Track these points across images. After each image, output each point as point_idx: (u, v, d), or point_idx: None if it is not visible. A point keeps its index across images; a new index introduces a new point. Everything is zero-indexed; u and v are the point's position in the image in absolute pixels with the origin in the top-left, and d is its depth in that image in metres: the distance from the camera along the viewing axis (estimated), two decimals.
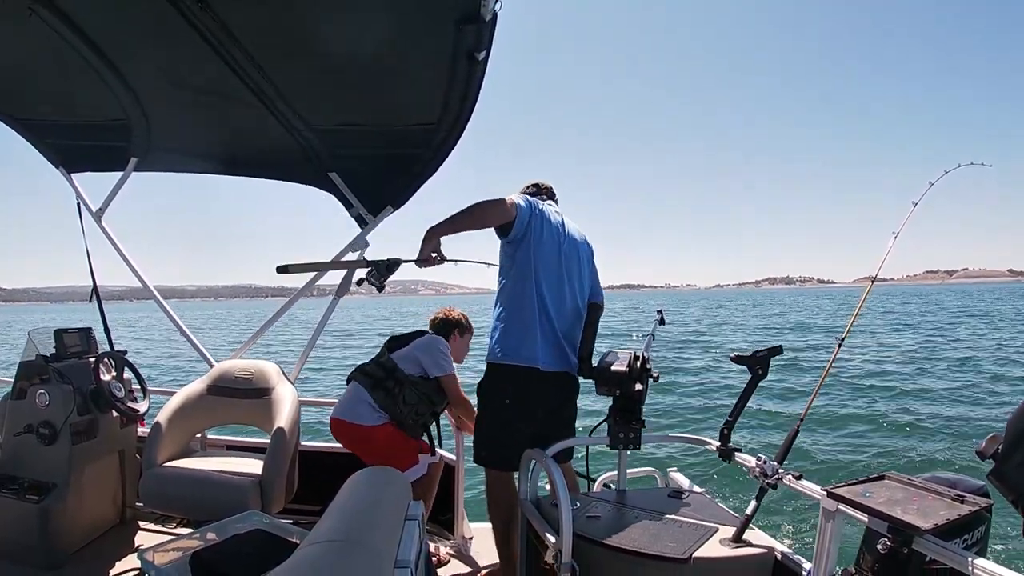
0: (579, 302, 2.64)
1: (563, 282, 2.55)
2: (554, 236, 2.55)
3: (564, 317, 2.55)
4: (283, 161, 3.28)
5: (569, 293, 2.58)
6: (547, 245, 2.52)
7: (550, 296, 2.51)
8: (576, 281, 2.63)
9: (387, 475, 1.84)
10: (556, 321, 2.52)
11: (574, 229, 2.68)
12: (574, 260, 2.61)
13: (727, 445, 2.29)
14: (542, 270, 2.50)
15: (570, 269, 2.59)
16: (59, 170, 3.58)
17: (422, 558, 1.69)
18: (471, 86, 2.34)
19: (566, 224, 2.65)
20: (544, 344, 2.48)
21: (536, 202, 2.56)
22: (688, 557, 1.90)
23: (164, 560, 2.12)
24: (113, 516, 3.16)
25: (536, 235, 2.49)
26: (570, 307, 2.58)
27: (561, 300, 2.55)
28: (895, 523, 1.57)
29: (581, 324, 2.65)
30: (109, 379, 3.02)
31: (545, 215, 2.55)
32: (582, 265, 2.66)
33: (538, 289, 2.49)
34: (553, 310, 2.51)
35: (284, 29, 2.18)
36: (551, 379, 2.50)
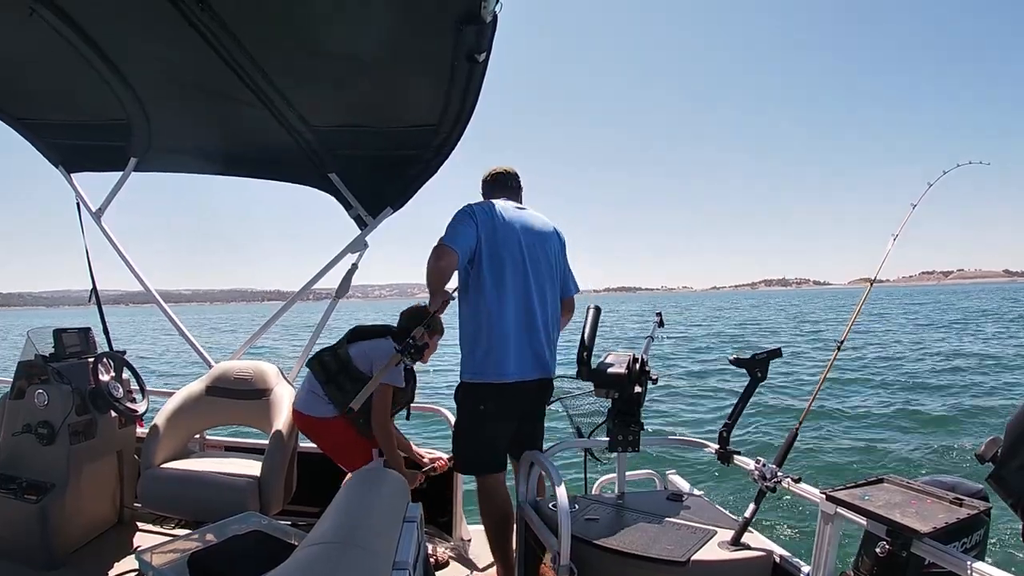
0: (547, 301, 2.56)
1: (528, 285, 2.48)
2: (512, 239, 2.47)
3: (532, 322, 2.49)
4: (283, 162, 3.28)
5: (537, 294, 2.51)
6: (504, 250, 2.45)
7: (515, 304, 2.45)
8: (546, 280, 2.56)
9: (385, 477, 1.84)
10: (524, 329, 2.47)
11: (539, 222, 2.60)
12: (540, 258, 2.53)
13: (726, 448, 2.28)
14: (501, 279, 2.44)
15: (537, 269, 2.51)
16: (59, 169, 3.58)
17: (420, 559, 1.68)
18: (471, 87, 2.34)
19: (528, 219, 2.57)
20: (512, 356, 2.43)
21: (485, 211, 2.47)
22: (687, 560, 1.90)
23: (162, 561, 2.12)
24: (111, 516, 3.16)
25: (489, 248, 2.42)
26: (539, 309, 2.51)
27: (527, 305, 2.48)
28: (894, 526, 1.57)
29: (555, 323, 2.59)
30: (108, 379, 3.02)
31: (498, 220, 2.47)
32: (551, 259, 2.57)
33: (500, 301, 2.43)
34: (518, 318, 2.45)
35: (284, 30, 2.18)
36: (523, 388, 2.47)
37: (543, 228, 2.60)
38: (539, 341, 2.51)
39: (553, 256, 2.59)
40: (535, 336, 2.50)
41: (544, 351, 2.53)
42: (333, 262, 3.51)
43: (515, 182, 2.73)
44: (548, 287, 2.56)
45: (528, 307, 2.48)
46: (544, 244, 2.56)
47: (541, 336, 2.52)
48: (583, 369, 2.45)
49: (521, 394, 2.48)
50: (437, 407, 3.28)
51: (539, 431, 2.68)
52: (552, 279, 2.58)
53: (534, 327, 2.49)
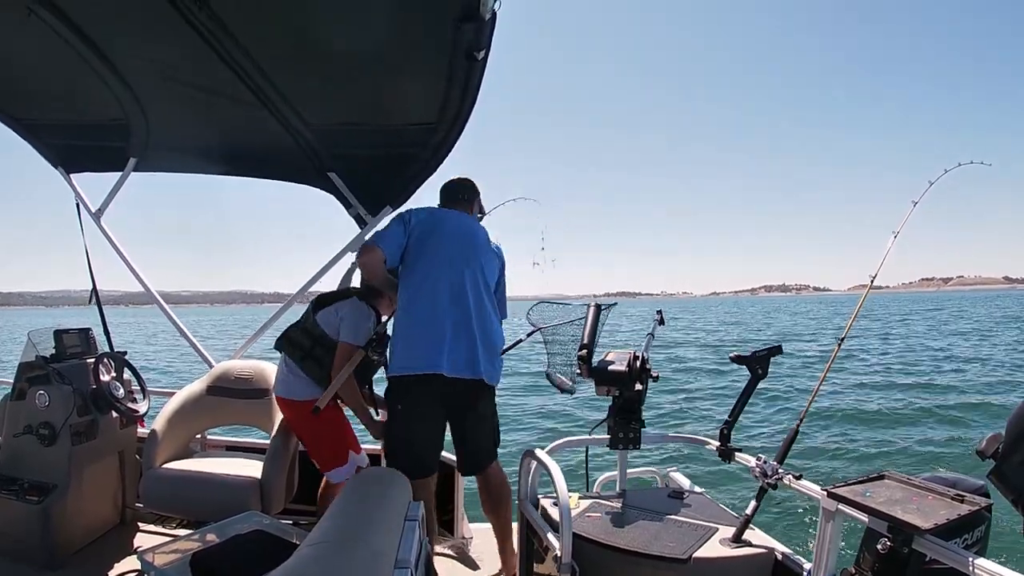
0: (485, 310, 2.52)
1: (462, 289, 2.47)
2: (444, 244, 2.50)
3: (463, 323, 2.44)
4: (282, 161, 3.27)
5: (474, 300, 2.48)
6: (434, 252, 2.48)
7: (444, 303, 2.43)
8: (483, 291, 2.53)
9: (388, 476, 1.84)
10: (452, 328, 2.42)
11: (479, 236, 2.63)
12: (476, 267, 2.52)
13: (727, 445, 2.29)
14: (428, 278, 2.45)
15: (472, 277, 2.50)
16: (58, 170, 3.58)
17: (422, 558, 1.69)
18: (470, 85, 2.34)
19: (466, 230, 2.60)
20: (434, 349, 2.39)
21: (419, 214, 2.54)
22: (688, 557, 1.90)
23: (164, 561, 2.12)
24: (113, 517, 3.16)
25: (419, 249, 2.48)
26: (474, 314, 2.47)
27: (460, 304, 2.45)
28: (895, 523, 1.57)
29: (491, 335, 2.53)
30: (109, 380, 3.01)
31: (431, 224, 2.52)
32: (487, 274, 2.57)
33: (423, 298, 2.43)
34: (445, 316, 2.42)
35: (283, 28, 2.18)
36: (446, 384, 2.40)
37: (481, 239, 2.63)
38: (471, 343, 2.45)
39: (489, 272, 2.59)
40: (466, 337, 2.44)
41: (476, 354, 2.45)
42: (333, 261, 3.51)
43: (465, 193, 2.76)
44: (486, 297, 2.55)
45: (461, 307, 2.45)
46: (480, 256, 2.56)
47: (475, 338, 2.45)
48: (584, 367, 2.45)
49: (443, 391, 2.41)
50: None
51: (479, 439, 2.60)
52: (488, 292, 2.56)
53: (465, 328, 2.44)
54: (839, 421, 9.54)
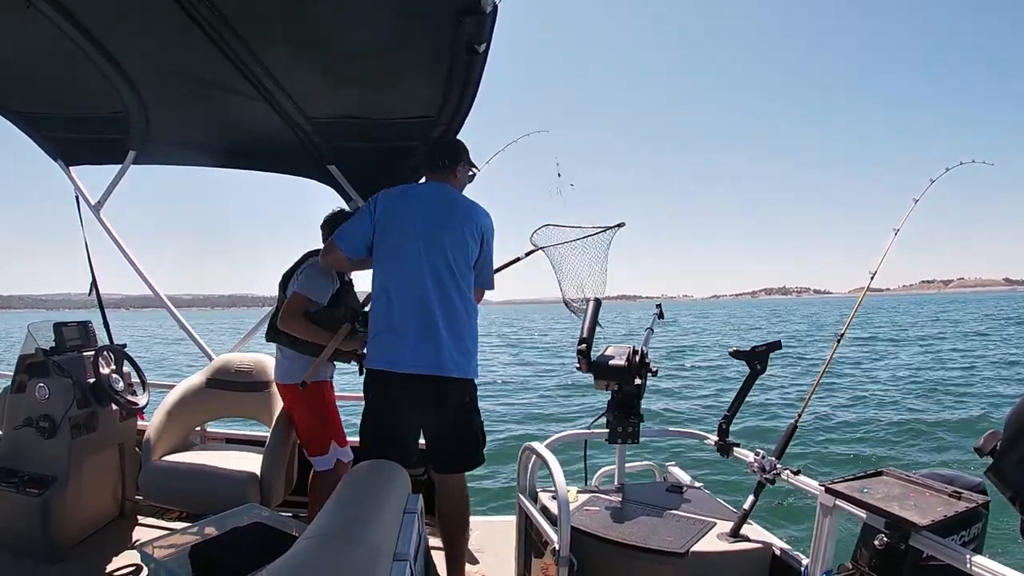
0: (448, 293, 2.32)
1: (420, 274, 2.30)
2: (408, 226, 2.33)
3: (425, 313, 2.29)
4: (282, 154, 3.27)
5: (434, 285, 2.31)
6: (398, 237, 2.33)
7: (404, 292, 2.30)
8: (445, 269, 2.33)
9: (387, 469, 1.84)
10: (414, 319, 2.28)
11: (452, 205, 2.41)
12: (444, 245, 2.32)
13: (725, 440, 2.29)
14: (392, 266, 2.33)
15: (435, 257, 2.31)
16: (57, 163, 3.57)
17: (421, 551, 1.69)
18: (471, 79, 2.33)
19: (437, 202, 2.40)
20: (397, 345, 2.28)
21: (385, 199, 2.40)
22: (686, 551, 1.91)
23: (164, 553, 2.13)
24: (113, 509, 3.17)
25: (384, 237, 2.35)
26: (435, 300, 2.30)
27: (419, 293, 2.29)
28: (892, 519, 1.57)
29: (459, 317, 2.34)
30: (108, 372, 3.02)
31: (397, 206, 2.38)
32: (459, 246, 2.35)
33: (390, 288, 2.32)
34: (408, 307, 2.29)
35: (283, 21, 2.17)
36: (412, 382, 2.27)
37: (454, 212, 2.39)
38: (434, 335, 2.28)
39: (462, 243, 2.36)
40: (428, 329, 2.28)
41: (442, 347, 2.28)
42: None
43: (445, 158, 2.50)
44: (452, 283, 2.34)
45: (420, 296, 2.29)
46: (449, 235, 2.35)
47: (438, 329, 2.29)
48: (583, 361, 2.46)
49: (409, 389, 2.29)
50: None
51: (451, 441, 2.43)
52: (454, 268, 2.34)
53: (427, 319, 2.28)
54: (838, 417, 9.56)
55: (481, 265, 2.47)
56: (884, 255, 2.32)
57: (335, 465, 2.84)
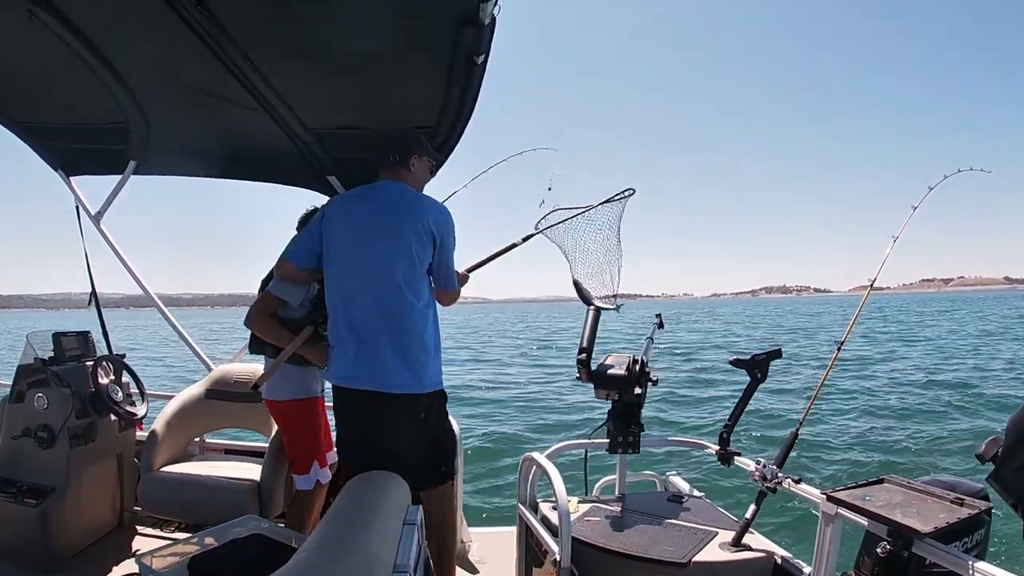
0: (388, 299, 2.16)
1: (360, 281, 2.18)
2: (348, 234, 2.23)
3: (364, 323, 2.16)
4: (281, 164, 3.28)
5: (372, 292, 2.16)
6: (339, 244, 2.23)
7: (345, 301, 2.20)
8: (384, 273, 2.16)
9: (386, 480, 1.84)
10: (351, 330, 2.17)
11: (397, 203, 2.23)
12: (385, 249, 2.17)
13: (726, 449, 2.29)
14: (335, 274, 2.23)
15: (374, 261, 2.17)
16: (58, 173, 3.58)
17: (421, 563, 1.68)
18: (469, 89, 2.34)
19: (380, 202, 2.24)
20: (340, 357, 2.20)
21: (331, 205, 2.34)
22: (688, 561, 1.90)
23: (162, 564, 2.11)
24: (111, 520, 3.15)
25: (328, 244, 2.26)
26: (375, 308, 2.16)
27: (360, 303, 2.18)
28: (895, 526, 1.57)
29: (405, 325, 2.16)
30: (107, 382, 3.01)
31: (340, 212, 2.28)
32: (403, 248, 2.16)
33: (334, 298, 2.22)
34: (349, 317, 2.19)
35: (283, 31, 2.18)
36: (354, 397, 2.18)
37: (401, 212, 2.21)
38: (374, 349, 2.14)
39: (407, 246, 2.17)
40: (368, 342, 2.15)
41: (384, 362, 2.13)
42: None
43: (395, 153, 2.33)
44: (391, 284, 2.16)
45: (363, 306, 2.17)
46: (395, 231, 2.18)
47: (379, 343, 2.14)
48: (583, 371, 2.46)
49: (357, 404, 2.19)
50: None
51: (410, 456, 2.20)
52: (398, 274, 2.16)
53: (367, 332, 2.15)
54: (839, 425, 9.54)
55: (439, 266, 2.28)
56: (883, 263, 2.33)
57: (314, 486, 2.74)
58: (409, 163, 2.33)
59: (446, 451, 2.34)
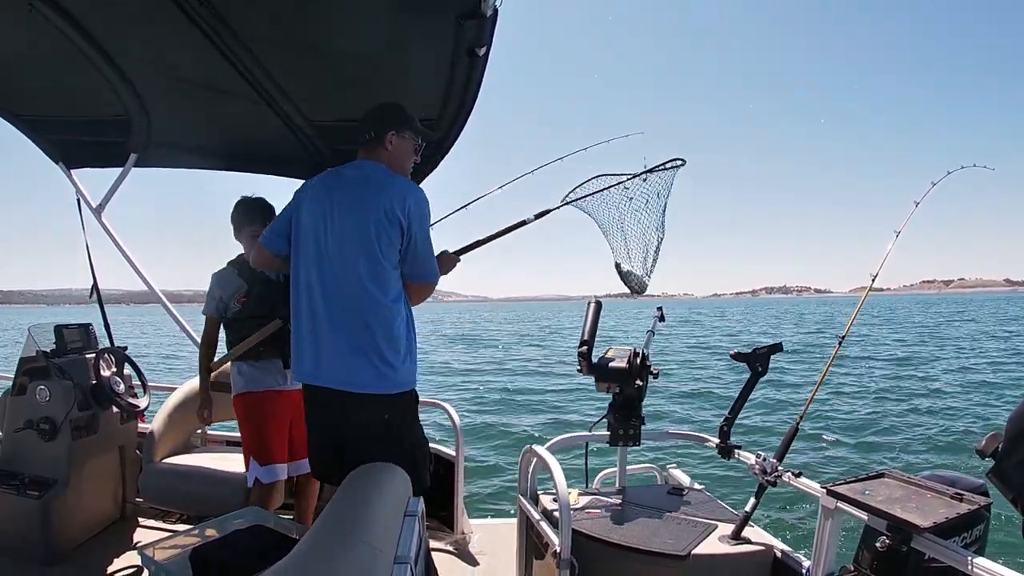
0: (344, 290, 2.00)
1: (321, 270, 2.03)
2: (311, 220, 2.07)
3: (321, 315, 2.01)
4: (283, 157, 3.27)
5: (331, 282, 2.01)
6: (304, 231, 2.08)
7: (307, 293, 2.05)
8: (339, 262, 2.00)
9: (388, 472, 1.84)
10: (310, 323, 2.03)
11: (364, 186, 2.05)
12: (348, 235, 2.00)
13: (727, 442, 2.29)
14: (297, 265, 2.08)
15: (334, 250, 2.01)
16: (59, 166, 3.58)
17: (422, 554, 1.69)
18: (471, 82, 2.33)
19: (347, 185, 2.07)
20: (298, 353, 2.07)
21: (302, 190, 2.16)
22: (687, 554, 1.91)
23: (164, 556, 2.12)
24: (113, 512, 3.17)
25: (295, 231, 2.12)
26: (335, 299, 2.01)
27: (320, 293, 2.02)
28: (894, 521, 1.57)
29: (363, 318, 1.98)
30: (109, 375, 3.02)
31: (308, 197, 2.11)
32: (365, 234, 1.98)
33: (296, 290, 2.08)
34: (310, 310, 2.04)
35: (284, 24, 2.18)
36: (316, 395, 2.06)
37: (366, 195, 2.02)
38: (331, 343, 2.00)
39: (368, 232, 1.99)
40: (324, 336, 2.01)
41: (340, 357, 1.99)
42: None
43: (370, 130, 2.13)
44: (351, 274, 1.99)
45: (322, 297, 2.02)
46: (357, 216, 2.00)
47: (335, 338, 1.99)
48: (584, 364, 2.46)
49: (313, 402, 2.08)
50: (439, 401, 3.29)
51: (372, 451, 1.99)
52: (359, 262, 1.99)
53: (324, 325, 2.01)
54: (840, 419, 9.55)
55: (406, 256, 2.04)
56: (885, 258, 2.32)
57: (253, 483, 2.62)
58: (385, 141, 2.12)
59: (415, 462, 2.05)
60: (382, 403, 2.00)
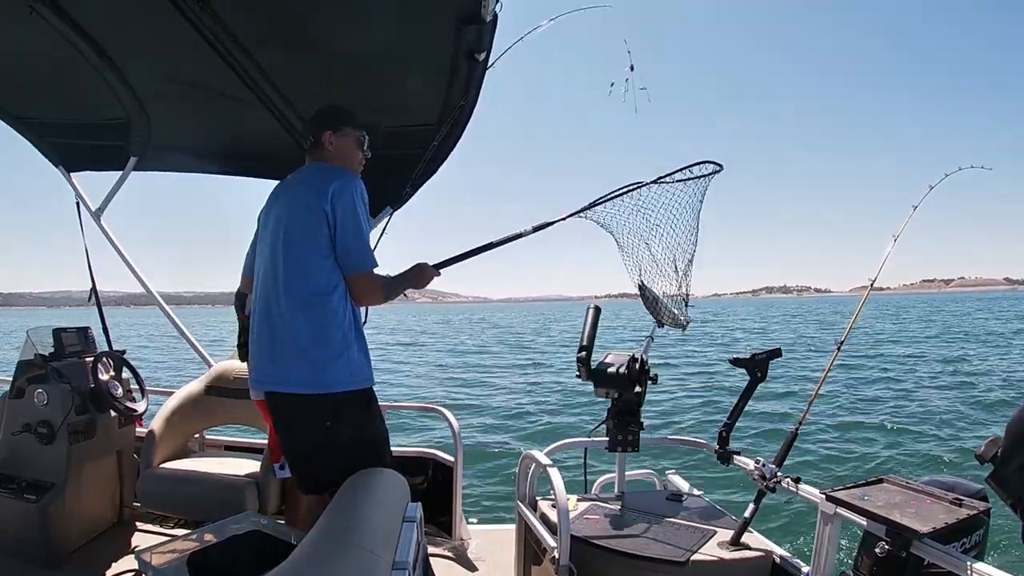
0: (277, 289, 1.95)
1: (266, 273, 2.01)
2: (263, 224, 2.10)
3: (262, 319, 2.00)
4: (282, 161, 3.26)
5: (264, 282, 2.01)
6: (260, 238, 2.12)
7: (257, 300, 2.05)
8: (274, 258, 1.98)
9: (385, 477, 1.84)
10: (255, 329, 2.03)
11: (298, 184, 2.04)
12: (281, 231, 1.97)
13: (726, 448, 2.29)
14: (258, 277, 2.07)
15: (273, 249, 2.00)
16: (59, 169, 3.58)
17: (420, 560, 1.68)
18: (471, 87, 2.34)
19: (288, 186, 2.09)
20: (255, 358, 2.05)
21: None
22: (686, 560, 1.90)
23: (162, 561, 2.11)
24: (111, 516, 3.16)
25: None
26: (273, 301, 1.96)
27: (264, 297, 2.00)
28: (893, 526, 1.57)
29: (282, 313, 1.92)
30: (107, 379, 3.01)
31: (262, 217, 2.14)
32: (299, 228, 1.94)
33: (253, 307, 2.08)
34: (256, 317, 2.04)
35: (284, 29, 2.19)
36: (269, 402, 2.04)
37: (297, 190, 2.02)
38: (268, 346, 1.97)
39: (296, 225, 1.95)
40: (266, 341, 1.98)
41: (270, 357, 1.96)
42: None
43: (310, 133, 2.11)
44: (280, 270, 1.96)
45: (261, 298, 2.02)
46: (289, 212, 1.98)
47: (271, 340, 1.96)
48: (583, 369, 2.46)
49: (272, 408, 2.05)
50: (437, 406, 3.28)
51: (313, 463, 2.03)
52: (286, 259, 1.95)
53: (260, 325, 2.00)
54: (838, 424, 9.54)
55: (337, 243, 1.94)
56: (883, 262, 2.32)
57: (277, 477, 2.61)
58: (324, 141, 2.08)
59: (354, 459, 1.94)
60: (320, 403, 1.92)
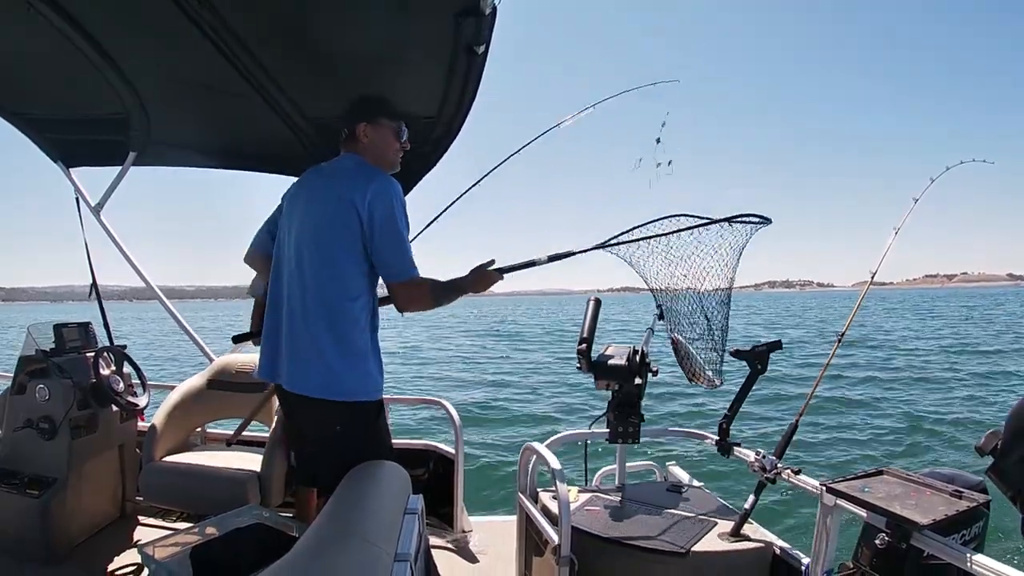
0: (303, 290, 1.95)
1: (287, 269, 2.02)
2: (286, 219, 2.10)
3: (281, 314, 2.01)
4: (282, 155, 3.27)
5: (290, 281, 2.00)
6: (281, 229, 2.12)
7: (274, 293, 2.07)
8: (306, 260, 1.95)
9: (387, 469, 1.84)
10: (273, 322, 2.05)
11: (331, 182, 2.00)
12: (311, 231, 1.96)
13: (726, 440, 2.29)
14: (273, 264, 2.11)
15: (300, 247, 1.98)
16: (57, 165, 3.57)
17: (422, 552, 1.69)
18: (470, 80, 2.33)
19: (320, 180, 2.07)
20: (263, 351, 2.09)
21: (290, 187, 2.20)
22: (687, 551, 1.91)
23: (164, 554, 2.13)
24: (113, 510, 3.17)
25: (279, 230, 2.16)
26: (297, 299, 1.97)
27: (283, 292, 2.02)
28: (893, 518, 1.57)
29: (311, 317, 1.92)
30: (109, 374, 3.02)
31: (290, 194, 2.16)
32: (330, 231, 1.91)
33: (270, 290, 2.09)
34: (274, 309, 2.06)
35: (282, 22, 2.17)
36: (281, 393, 2.09)
37: (329, 187, 1.98)
38: (293, 348, 1.96)
39: (326, 226, 1.92)
40: (290, 341, 1.97)
41: (299, 362, 1.94)
42: None
43: (345, 125, 2.11)
44: (306, 271, 1.94)
45: (285, 295, 2.01)
46: (319, 210, 1.95)
47: (296, 342, 1.94)
48: (583, 362, 2.46)
49: (286, 400, 2.11)
50: (439, 399, 3.29)
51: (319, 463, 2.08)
52: (316, 259, 1.93)
53: (289, 330, 1.98)
54: (839, 416, 9.56)
55: (374, 250, 1.91)
56: (884, 254, 2.32)
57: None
58: (359, 133, 2.07)
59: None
60: (332, 410, 1.92)
